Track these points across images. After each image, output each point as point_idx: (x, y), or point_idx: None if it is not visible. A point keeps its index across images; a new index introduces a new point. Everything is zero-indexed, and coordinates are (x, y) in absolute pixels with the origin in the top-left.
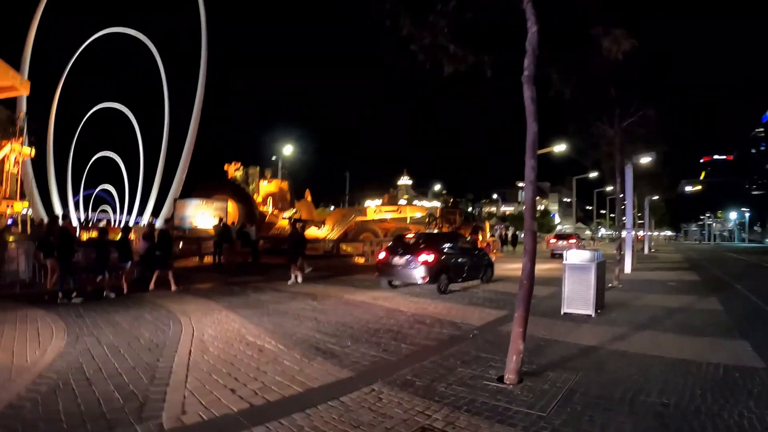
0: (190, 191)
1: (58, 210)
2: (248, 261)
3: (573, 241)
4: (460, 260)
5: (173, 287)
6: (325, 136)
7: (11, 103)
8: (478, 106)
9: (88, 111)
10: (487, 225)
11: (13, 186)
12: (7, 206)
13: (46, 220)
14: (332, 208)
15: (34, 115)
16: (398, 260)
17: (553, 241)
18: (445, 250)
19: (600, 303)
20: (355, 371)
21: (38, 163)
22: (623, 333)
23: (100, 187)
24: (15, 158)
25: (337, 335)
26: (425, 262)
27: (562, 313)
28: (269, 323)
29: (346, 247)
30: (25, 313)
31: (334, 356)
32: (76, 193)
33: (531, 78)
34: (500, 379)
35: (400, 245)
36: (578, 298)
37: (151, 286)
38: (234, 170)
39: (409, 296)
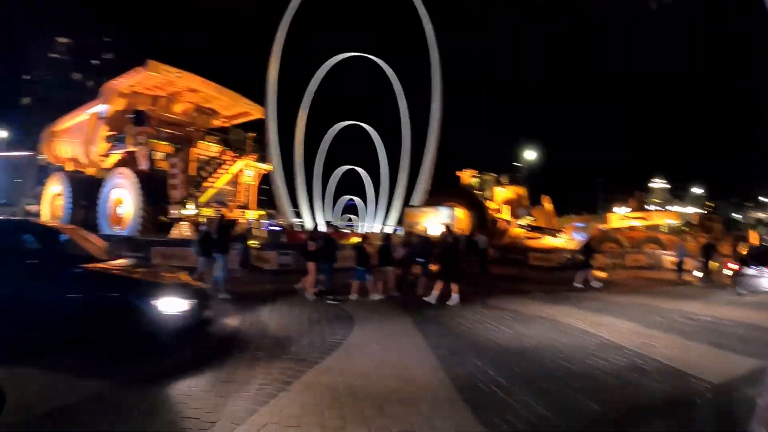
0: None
1: (301, 218)
2: (475, 272)
3: None
4: None
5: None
6: (573, 140)
7: (257, 126)
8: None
9: (333, 128)
10: (754, 235)
11: (248, 196)
12: (241, 213)
13: (292, 226)
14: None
15: (284, 133)
16: (752, 271)
17: None
18: None
19: None
20: None
21: (289, 176)
22: None
23: (347, 197)
24: (254, 172)
25: (513, 375)
26: None
27: None
28: (444, 348)
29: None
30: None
31: (485, 407)
32: (323, 204)
33: None
34: None
35: (752, 258)
36: None
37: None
38: (469, 176)
39: (641, 326)
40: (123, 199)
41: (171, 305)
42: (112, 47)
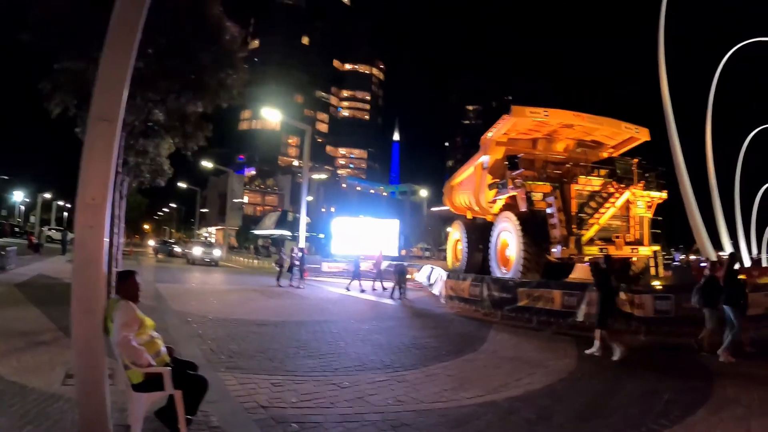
0: None
1: (727, 249)
2: None
3: None
4: None
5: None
6: None
7: (647, 150)
8: None
9: (749, 134)
10: None
11: (641, 230)
12: (632, 250)
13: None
14: None
15: (689, 151)
16: None
17: None
18: None
19: None
20: None
21: (702, 202)
22: None
23: None
24: (645, 203)
25: None
26: None
27: None
28: None
29: None
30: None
31: None
32: (747, 232)
33: None
34: None
35: None
36: None
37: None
38: None
39: None
40: (508, 242)
41: None
42: (511, 102)
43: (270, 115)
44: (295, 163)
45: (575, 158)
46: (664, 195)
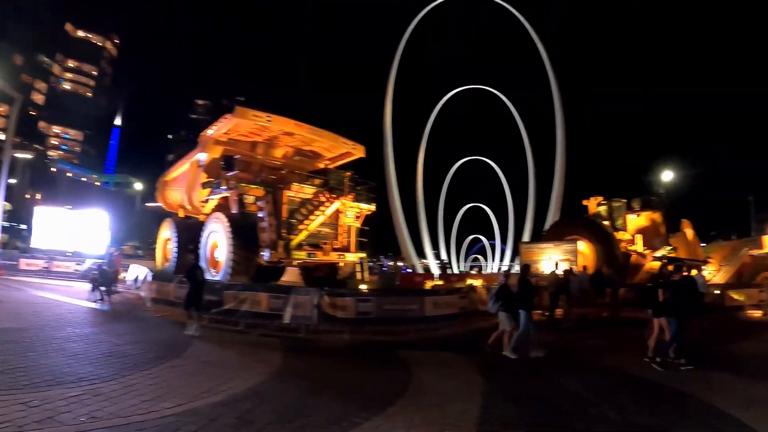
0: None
1: (428, 258)
2: (603, 316)
3: None
4: None
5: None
6: (717, 150)
7: (362, 166)
8: None
9: (455, 164)
10: None
11: (349, 238)
12: (339, 256)
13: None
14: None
15: (403, 172)
16: None
17: None
18: None
19: None
20: None
21: (411, 216)
22: None
23: (471, 236)
24: (354, 214)
25: None
26: None
27: None
28: None
29: (734, 295)
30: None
31: None
32: (447, 244)
33: None
34: None
35: None
36: None
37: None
38: (595, 205)
39: None
40: (218, 243)
41: None
42: (242, 103)
43: None
44: (1, 136)
45: (292, 165)
46: (372, 207)
